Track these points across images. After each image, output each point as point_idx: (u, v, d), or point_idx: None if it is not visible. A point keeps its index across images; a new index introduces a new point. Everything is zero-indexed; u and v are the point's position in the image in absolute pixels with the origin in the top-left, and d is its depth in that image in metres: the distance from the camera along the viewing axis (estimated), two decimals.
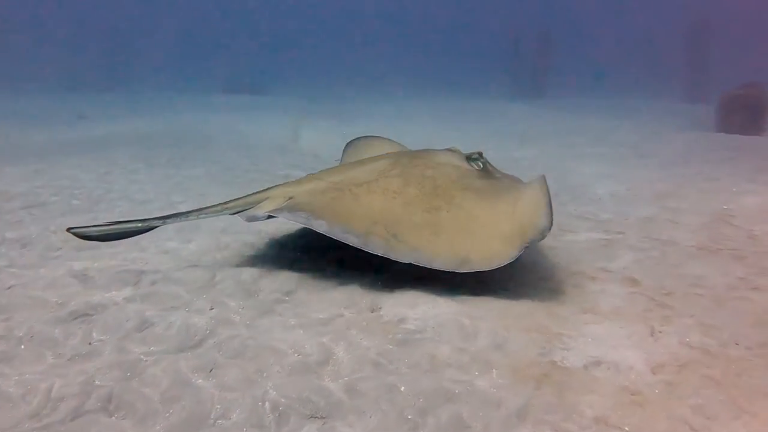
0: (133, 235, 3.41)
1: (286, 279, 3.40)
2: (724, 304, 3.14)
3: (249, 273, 3.46)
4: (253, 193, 3.43)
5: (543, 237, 2.83)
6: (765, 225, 4.66)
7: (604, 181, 6.50)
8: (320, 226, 2.93)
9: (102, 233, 3.22)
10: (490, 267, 2.82)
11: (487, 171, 3.47)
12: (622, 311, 3.04)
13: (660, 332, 2.81)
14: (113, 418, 2.10)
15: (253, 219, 3.21)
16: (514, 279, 3.48)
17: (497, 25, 27.91)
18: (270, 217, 3.20)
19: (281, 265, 3.64)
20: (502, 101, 20.34)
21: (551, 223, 2.85)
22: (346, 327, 2.80)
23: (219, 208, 3.29)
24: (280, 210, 3.08)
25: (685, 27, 23.02)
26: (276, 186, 3.44)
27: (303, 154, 8.60)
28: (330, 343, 2.64)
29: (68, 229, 3.22)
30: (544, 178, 3.19)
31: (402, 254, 2.84)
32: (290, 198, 3.24)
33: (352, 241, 2.87)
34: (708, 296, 3.24)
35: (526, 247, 2.82)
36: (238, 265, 3.62)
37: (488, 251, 2.82)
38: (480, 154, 3.53)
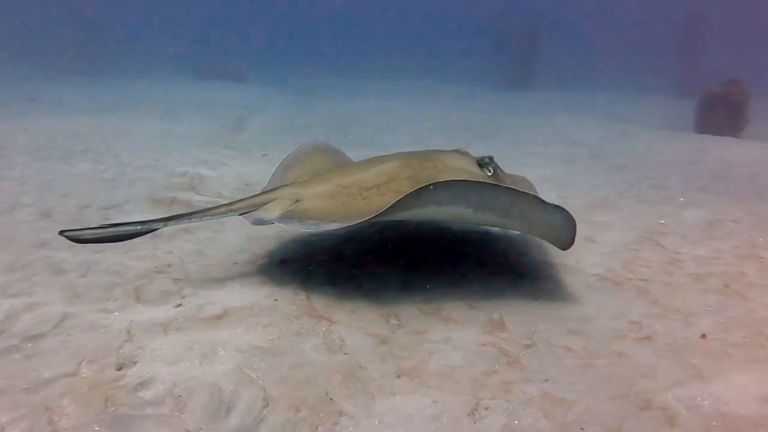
0: (130, 238, 3.07)
1: (48, 315, 2.68)
2: (594, 363, 2.40)
3: (9, 306, 2.74)
4: (260, 193, 3.23)
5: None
6: (695, 247, 3.92)
7: (538, 187, 5.73)
8: (332, 225, 2.74)
9: (97, 236, 2.95)
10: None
11: (497, 177, 3.28)
12: (453, 374, 2.30)
13: (486, 410, 2.08)
14: None
15: (260, 222, 2.99)
16: (353, 314, 2.76)
17: (487, 12, 26.86)
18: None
19: (62, 295, 2.92)
20: (483, 91, 19.46)
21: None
22: (60, 394, 2.08)
23: (224, 209, 3.07)
24: (289, 218, 2.89)
25: (679, 17, 22.07)
26: (283, 186, 3.25)
27: (229, 148, 7.85)
28: (9, 422, 1.91)
29: (61, 232, 2.90)
30: None
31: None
32: (297, 201, 3.03)
33: (369, 217, 2.63)
34: (579, 351, 2.51)
35: None
36: (14, 295, 2.90)
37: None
38: (491, 159, 3.33)
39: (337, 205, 2.93)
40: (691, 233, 4.24)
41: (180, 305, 2.87)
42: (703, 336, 2.67)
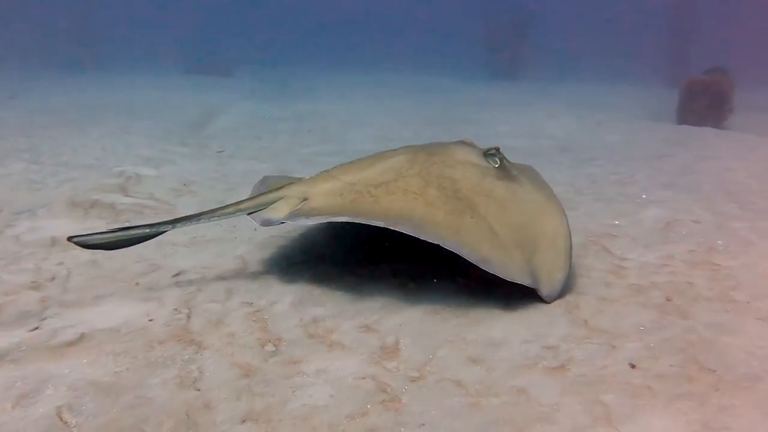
0: (140, 242, 2.98)
1: None
2: (484, 403, 2.04)
3: None
4: (267, 192, 3.14)
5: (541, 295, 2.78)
6: (645, 251, 3.55)
7: None
8: (342, 219, 2.77)
9: (106, 241, 2.87)
10: (503, 276, 2.68)
11: (504, 168, 3.26)
12: (311, 417, 1.95)
13: None
14: None
15: (267, 223, 2.94)
16: (229, 338, 2.41)
17: (475, 2, 26.23)
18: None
19: None
20: (468, 83, 19.00)
21: (555, 295, 2.81)
22: None
23: (232, 209, 3.02)
24: (296, 216, 2.88)
25: (669, 5, 21.54)
26: (290, 184, 3.17)
27: (185, 145, 7.47)
28: None
29: (69, 238, 2.84)
30: (567, 227, 3.04)
31: (430, 238, 2.65)
32: (305, 199, 2.97)
33: (379, 223, 2.68)
34: (472, 386, 2.14)
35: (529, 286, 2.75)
36: None
37: (504, 264, 2.71)
38: (497, 150, 3.32)
39: (346, 203, 2.89)
40: (645, 236, 3.87)
41: (36, 329, 2.52)
42: (632, 366, 2.31)
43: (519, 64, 22.00)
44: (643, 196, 4.88)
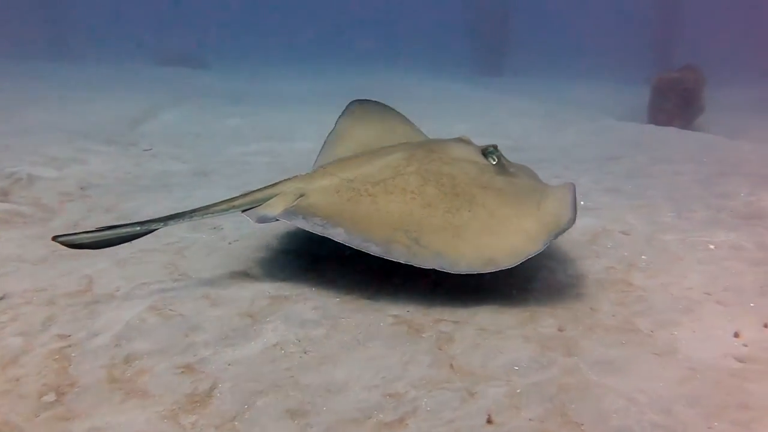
0: (129, 240, 2.86)
1: None
2: None
3: None
4: (263, 188, 3.07)
5: (565, 229, 2.70)
6: (559, 268, 3.17)
7: None
8: (338, 235, 2.71)
9: (94, 240, 2.75)
10: (515, 263, 2.60)
11: (502, 165, 3.24)
12: None
13: None
14: None
15: (263, 220, 2.90)
16: (11, 384, 1.98)
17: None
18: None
19: None
20: (448, 79, 18.51)
21: (575, 217, 2.74)
22: None
23: (226, 206, 2.95)
24: (293, 215, 2.84)
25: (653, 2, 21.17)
26: (286, 180, 3.11)
27: (111, 142, 6.95)
28: None
29: (54, 238, 2.69)
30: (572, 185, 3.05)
31: (425, 260, 2.63)
32: (301, 196, 2.93)
33: (373, 250, 2.65)
34: None
35: (552, 239, 2.66)
36: None
37: (512, 248, 2.67)
38: (495, 147, 3.30)
39: (343, 201, 2.87)
40: (566, 250, 3.47)
41: None
42: (489, 420, 1.90)
43: (505, 61, 21.58)
44: (581, 203, 4.47)
